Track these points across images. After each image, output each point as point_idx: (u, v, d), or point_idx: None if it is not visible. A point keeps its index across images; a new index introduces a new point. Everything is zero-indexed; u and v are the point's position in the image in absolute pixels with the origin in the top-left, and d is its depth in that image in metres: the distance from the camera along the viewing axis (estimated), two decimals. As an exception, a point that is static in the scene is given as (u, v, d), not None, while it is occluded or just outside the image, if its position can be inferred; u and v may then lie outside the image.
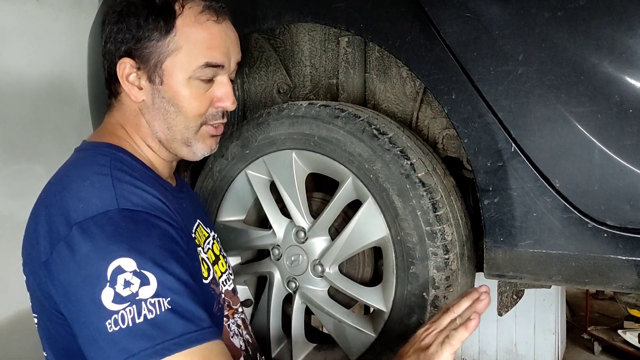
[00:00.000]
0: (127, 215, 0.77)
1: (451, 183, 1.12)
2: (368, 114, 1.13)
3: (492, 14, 0.94)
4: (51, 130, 2.21)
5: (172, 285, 0.75)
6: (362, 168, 1.08)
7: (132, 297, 0.72)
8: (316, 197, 1.29)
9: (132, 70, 0.89)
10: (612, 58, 0.86)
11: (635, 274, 0.88)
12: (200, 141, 0.94)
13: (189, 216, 0.98)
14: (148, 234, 0.78)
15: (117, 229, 0.76)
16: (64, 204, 0.79)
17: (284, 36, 1.42)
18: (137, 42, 0.87)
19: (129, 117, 0.93)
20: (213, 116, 0.93)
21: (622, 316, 3.16)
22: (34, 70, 2.15)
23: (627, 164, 0.87)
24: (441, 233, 1.02)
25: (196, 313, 0.76)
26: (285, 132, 1.18)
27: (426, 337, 0.85)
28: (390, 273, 1.09)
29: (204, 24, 0.88)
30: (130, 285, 0.73)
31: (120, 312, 0.72)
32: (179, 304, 0.74)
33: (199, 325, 0.75)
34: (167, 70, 0.88)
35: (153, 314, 0.72)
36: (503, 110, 0.94)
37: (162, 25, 0.86)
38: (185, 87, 0.89)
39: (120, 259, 0.73)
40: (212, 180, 1.32)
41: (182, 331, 0.73)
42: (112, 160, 0.85)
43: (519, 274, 0.98)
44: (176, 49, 0.87)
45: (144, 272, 0.74)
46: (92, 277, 0.73)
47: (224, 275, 1.05)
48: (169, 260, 0.77)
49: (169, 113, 0.90)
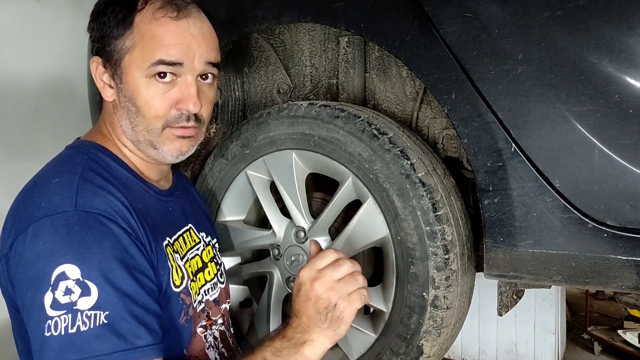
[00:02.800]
0: (81, 217, 0.76)
1: (451, 183, 1.12)
2: (368, 114, 1.13)
3: (492, 14, 0.94)
4: (51, 130, 2.21)
5: (113, 299, 0.73)
6: (362, 168, 1.08)
7: (70, 306, 0.71)
8: (316, 197, 1.29)
9: (102, 69, 0.88)
10: (612, 58, 0.86)
11: (635, 274, 0.88)
12: (165, 143, 0.89)
13: (173, 221, 0.96)
14: (100, 240, 0.76)
15: (69, 232, 0.74)
16: (30, 200, 0.80)
17: (284, 36, 1.42)
18: (102, 39, 0.86)
19: (108, 116, 0.92)
20: (175, 119, 0.87)
21: (622, 316, 3.16)
22: (34, 70, 2.15)
23: (627, 164, 0.87)
24: (441, 233, 1.02)
25: (133, 330, 0.74)
26: (285, 132, 1.18)
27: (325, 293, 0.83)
28: (390, 273, 1.09)
29: (160, 20, 0.84)
30: (71, 293, 0.72)
31: (55, 318, 0.71)
32: (116, 319, 0.73)
33: (133, 344, 0.73)
34: (124, 68, 0.85)
35: (87, 326, 0.71)
36: (503, 109, 0.94)
37: (122, 21, 0.84)
38: (143, 86, 0.85)
39: (65, 264, 0.73)
40: (212, 180, 1.32)
41: (112, 349, 0.71)
42: (88, 160, 0.85)
43: (519, 274, 0.98)
44: (132, 46, 0.84)
45: (87, 282, 0.73)
46: (37, 277, 0.73)
47: (208, 284, 1.02)
48: (117, 271, 0.75)
49: (131, 113, 0.87)
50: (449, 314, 1.05)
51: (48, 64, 2.20)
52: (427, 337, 1.05)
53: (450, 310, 1.05)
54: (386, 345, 1.10)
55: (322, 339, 0.84)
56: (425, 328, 1.04)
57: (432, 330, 1.04)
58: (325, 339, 0.84)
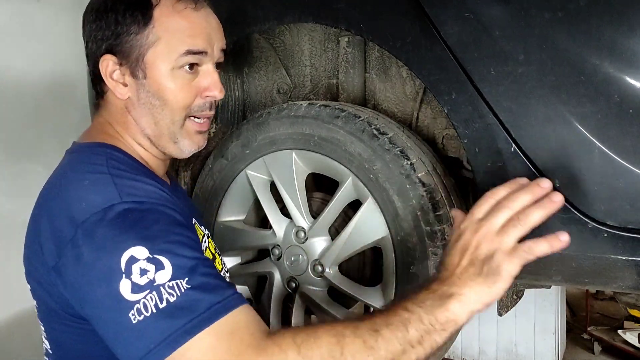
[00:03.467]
0: (131, 206, 0.77)
1: (451, 183, 1.12)
2: (368, 114, 1.13)
3: (493, 14, 0.94)
4: (51, 130, 2.21)
5: (186, 265, 0.74)
6: (362, 168, 1.08)
7: (150, 284, 0.71)
8: (316, 197, 1.29)
9: (115, 67, 0.87)
10: (612, 58, 0.86)
11: (635, 274, 0.88)
12: (186, 137, 0.91)
13: (185, 214, 0.97)
14: (155, 220, 0.77)
15: (124, 221, 0.75)
16: (65, 205, 0.78)
17: (284, 36, 1.42)
18: (116, 37, 0.86)
19: (116, 116, 0.91)
20: (200, 107, 0.90)
21: (622, 316, 3.16)
22: (34, 70, 2.15)
23: (627, 164, 0.87)
24: (441, 233, 1.02)
25: (216, 284, 0.74)
26: (285, 132, 1.18)
27: (482, 242, 0.74)
28: (390, 273, 1.09)
29: (182, 12, 0.86)
30: (147, 272, 0.72)
31: (142, 300, 0.71)
32: (197, 281, 0.73)
33: (222, 295, 0.73)
34: (149, 63, 0.86)
35: (174, 296, 0.71)
36: (503, 110, 0.94)
37: (140, 18, 0.84)
38: (169, 78, 0.86)
39: (131, 248, 0.72)
40: (212, 180, 1.32)
41: (208, 305, 0.71)
42: (108, 159, 0.84)
43: (519, 274, 0.98)
44: (156, 40, 0.85)
45: (157, 257, 0.73)
46: (106, 272, 0.73)
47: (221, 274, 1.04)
48: (179, 243, 0.76)
49: (155, 107, 0.88)
50: (449, 314, 1.05)
51: (48, 64, 2.19)
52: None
53: (450, 310, 1.05)
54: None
55: (474, 296, 0.72)
56: (425, 328, 1.04)
57: (432, 330, 1.04)
58: (477, 296, 0.72)
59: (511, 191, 0.77)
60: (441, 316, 0.70)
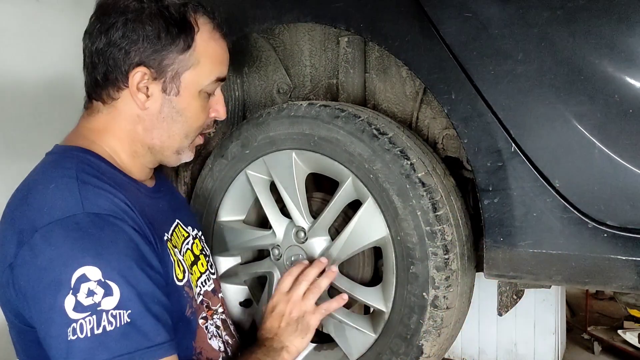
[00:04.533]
0: (92, 220, 0.77)
1: (451, 183, 1.12)
2: (368, 114, 1.13)
3: (492, 14, 0.94)
4: (51, 130, 2.21)
5: (134, 297, 0.75)
6: (362, 168, 1.08)
7: (94, 307, 0.72)
8: (316, 197, 1.29)
9: (143, 78, 0.88)
10: (612, 58, 0.86)
11: (635, 274, 0.88)
12: (189, 150, 0.98)
13: (165, 217, 0.98)
14: (114, 240, 0.77)
15: (83, 235, 0.75)
16: (29, 207, 0.79)
17: (284, 36, 1.42)
18: (155, 52, 0.87)
19: (120, 123, 0.91)
20: (208, 125, 0.98)
21: (622, 316, 3.16)
22: (34, 70, 2.15)
23: (627, 164, 0.87)
24: (441, 233, 1.02)
25: (154, 327, 0.76)
26: (285, 132, 1.18)
27: (293, 309, 1.03)
28: (390, 273, 1.09)
29: (218, 41, 0.93)
30: (94, 295, 0.73)
31: (80, 321, 0.72)
32: (138, 318, 0.75)
33: (154, 341, 0.76)
34: (184, 82, 0.90)
35: (112, 326, 0.72)
36: (503, 109, 0.94)
37: (183, 39, 0.88)
38: (197, 100, 0.92)
39: (85, 267, 0.73)
40: (212, 180, 1.32)
41: (137, 347, 0.74)
42: (79, 163, 0.84)
43: (519, 274, 0.98)
44: (195, 63, 0.90)
45: (109, 283, 0.74)
46: (55, 283, 0.73)
47: (204, 276, 1.05)
48: (134, 270, 0.77)
49: (175, 122, 0.92)
50: (449, 314, 1.05)
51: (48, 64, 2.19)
52: (427, 337, 1.05)
53: (450, 310, 1.05)
54: (386, 345, 1.10)
55: (295, 345, 1.02)
56: (425, 328, 1.04)
57: (432, 330, 1.04)
58: (297, 345, 1.02)
59: (303, 268, 1.08)
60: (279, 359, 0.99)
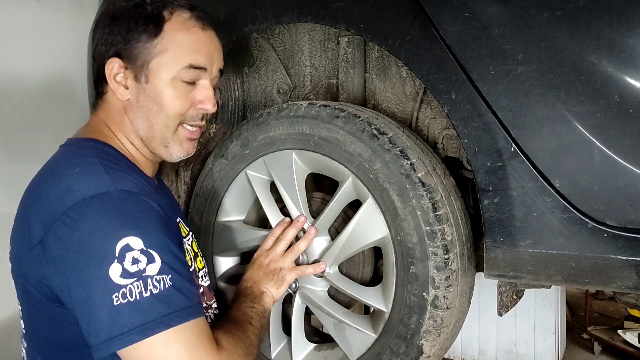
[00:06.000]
0: (125, 196, 0.83)
1: (451, 183, 1.12)
2: (368, 114, 1.13)
3: (492, 14, 0.94)
4: (51, 130, 2.21)
5: (173, 264, 0.82)
6: (362, 168, 1.08)
7: (140, 274, 0.78)
8: (316, 197, 1.29)
9: (120, 70, 0.93)
10: (612, 58, 0.86)
11: (635, 274, 0.88)
12: (177, 143, 0.98)
13: (169, 212, 1.01)
14: (149, 214, 0.84)
15: (119, 209, 0.81)
16: (57, 188, 0.83)
17: (284, 36, 1.42)
18: (126, 43, 0.92)
19: (113, 116, 0.97)
20: (192, 117, 0.98)
21: (622, 316, 3.16)
22: (34, 70, 2.15)
23: (627, 164, 0.87)
24: (441, 233, 1.02)
25: (190, 290, 0.84)
26: (285, 132, 1.18)
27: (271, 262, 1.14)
28: (390, 273, 1.09)
29: (191, 29, 0.94)
30: (138, 262, 0.78)
31: (128, 286, 0.77)
32: (178, 281, 0.81)
33: (193, 301, 0.83)
34: (152, 70, 0.92)
35: (157, 289, 0.78)
36: (503, 109, 0.94)
37: (152, 28, 0.92)
38: (169, 86, 0.93)
39: (128, 237, 0.79)
40: (212, 180, 1.32)
41: (183, 305, 0.80)
42: (98, 151, 0.90)
43: (519, 274, 0.98)
44: (163, 51, 0.92)
45: (150, 251, 0.80)
46: (98, 253, 0.78)
47: (201, 272, 1.09)
48: (167, 240, 0.83)
49: (152, 111, 0.94)
50: (449, 314, 1.05)
51: (48, 64, 2.20)
52: (427, 337, 1.05)
53: (450, 310, 1.05)
54: (386, 345, 1.10)
55: (270, 292, 1.12)
56: (425, 328, 1.04)
57: (432, 330, 1.04)
58: (271, 292, 1.12)
59: (283, 228, 1.17)
60: (262, 303, 1.09)
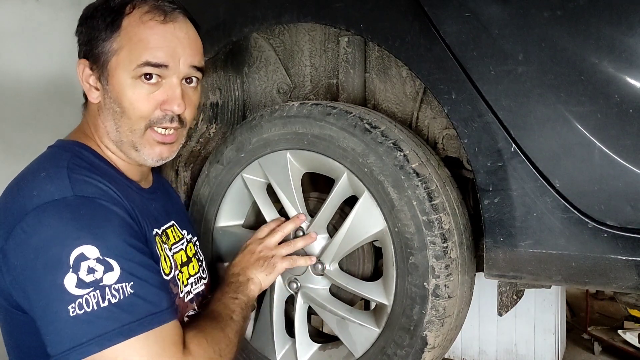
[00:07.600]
0: (83, 202, 0.79)
1: (446, 173, 1.11)
2: (359, 110, 1.13)
3: (492, 14, 0.94)
4: (51, 130, 2.21)
5: (135, 270, 0.78)
6: (356, 162, 1.08)
7: (96, 283, 0.75)
8: (312, 197, 1.29)
9: (89, 71, 0.90)
10: (612, 58, 0.86)
11: (635, 274, 0.88)
12: (146, 147, 0.92)
13: (158, 215, 1.00)
14: (106, 219, 0.80)
15: (75, 215, 0.77)
16: (19, 193, 0.81)
17: (284, 36, 1.42)
18: (89, 42, 0.89)
19: (92, 118, 0.95)
20: (159, 120, 0.90)
21: (622, 316, 3.16)
22: (34, 70, 2.15)
23: (627, 164, 0.87)
24: (438, 222, 1.01)
25: (157, 295, 0.80)
26: (278, 132, 1.18)
27: (264, 250, 1.12)
28: (390, 266, 1.08)
29: (147, 23, 0.87)
30: (94, 272, 0.75)
31: (85, 296, 0.74)
32: (140, 288, 0.78)
33: (159, 307, 0.79)
34: (111, 70, 0.88)
35: (117, 298, 0.75)
36: (503, 110, 0.94)
37: (110, 25, 0.87)
38: (128, 87, 0.87)
39: (82, 246, 0.75)
40: (208, 186, 1.32)
41: (146, 312, 0.77)
42: (72, 156, 0.87)
43: (519, 274, 0.98)
44: (119, 49, 0.87)
45: (108, 260, 0.76)
46: (53, 262, 0.75)
47: (193, 278, 1.06)
48: (129, 245, 0.80)
49: (116, 114, 0.90)
50: (451, 303, 1.05)
51: (48, 64, 2.19)
52: (431, 328, 1.04)
53: (452, 299, 1.04)
54: (390, 339, 1.09)
55: (257, 279, 1.09)
56: (428, 318, 1.04)
57: (435, 320, 1.04)
58: (260, 279, 1.10)
59: (280, 222, 1.17)
60: (247, 292, 1.06)
